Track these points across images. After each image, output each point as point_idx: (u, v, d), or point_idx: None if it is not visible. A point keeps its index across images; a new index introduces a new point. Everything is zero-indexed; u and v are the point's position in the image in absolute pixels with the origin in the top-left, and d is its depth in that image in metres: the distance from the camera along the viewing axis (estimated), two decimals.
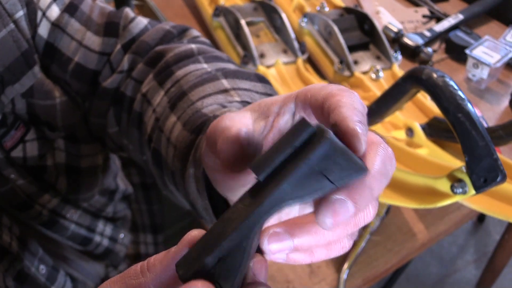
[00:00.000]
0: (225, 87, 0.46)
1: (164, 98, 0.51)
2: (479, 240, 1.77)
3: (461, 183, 0.54)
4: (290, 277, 0.72)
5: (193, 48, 0.54)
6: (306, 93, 0.32)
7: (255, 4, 1.11)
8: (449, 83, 0.53)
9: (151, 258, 0.30)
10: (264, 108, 0.34)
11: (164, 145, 0.48)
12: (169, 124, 0.48)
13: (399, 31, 1.12)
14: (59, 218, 0.64)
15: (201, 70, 0.50)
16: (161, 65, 0.54)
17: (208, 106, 0.45)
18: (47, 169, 0.60)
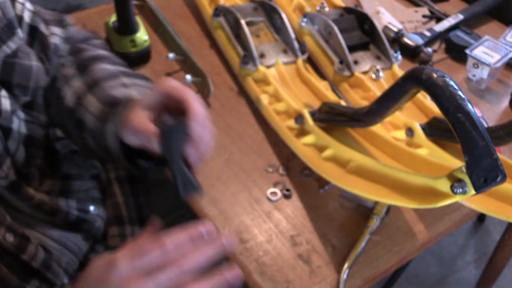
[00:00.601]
0: (123, 83, 0.70)
1: (80, 83, 0.71)
2: (479, 240, 1.77)
3: (461, 183, 0.54)
4: (290, 277, 0.72)
5: (103, 54, 0.77)
6: (163, 92, 0.62)
7: (255, 4, 1.10)
8: (449, 83, 0.53)
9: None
10: (151, 104, 0.62)
11: (85, 115, 0.68)
12: (88, 101, 0.68)
13: (399, 31, 1.12)
14: (20, 185, 0.66)
15: (108, 70, 0.73)
16: (81, 58, 0.74)
17: (117, 93, 0.68)
18: (11, 133, 0.65)
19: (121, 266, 0.49)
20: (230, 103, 0.97)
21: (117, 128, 0.63)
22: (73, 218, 0.74)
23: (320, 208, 0.81)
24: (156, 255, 0.49)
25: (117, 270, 0.49)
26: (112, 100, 0.66)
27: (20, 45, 0.64)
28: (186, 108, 0.59)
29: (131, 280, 0.48)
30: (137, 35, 1.00)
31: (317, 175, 0.84)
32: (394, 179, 0.64)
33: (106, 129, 0.65)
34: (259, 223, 0.78)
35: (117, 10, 0.98)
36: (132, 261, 0.49)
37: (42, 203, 0.69)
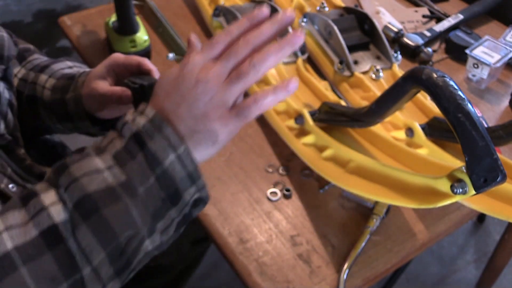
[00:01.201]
0: (69, 65, 0.82)
1: (22, 70, 0.82)
2: (479, 240, 1.78)
3: (461, 183, 0.54)
4: (290, 277, 0.72)
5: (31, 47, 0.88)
6: (118, 62, 0.72)
7: (255, 4, 1.10)
8: (449, 83, 0.53)
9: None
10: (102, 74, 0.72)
11: (40, 90, 0.78)
12: (42, 79, 0.78)
13: (399, 31, 1.12)
14: (15, 146, 0.69)
15: (44, 58, 0.85)
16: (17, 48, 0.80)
17: (69, 71, 0.79)
18: (1, 96, 0.68)
19: (194, 60, 0.51)
20: None
21: (78, 96, 0.73)
22: None
23: (320, 208, 0.81)
24: (224, 41, 0.51)
25: (191, 64, 0.50)
26: (67, 75, 0.77)
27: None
28: (147, 69, 0.69)
29: (207, 67, 0.50)
30: (137, 35, 1.00)
31: (317, 175, 0.84)
32: (394, 179, 0.64)
33: (66, 98, 0.74)
34: (259, 223, 0.78)
35: (117, 10, 0.98)
36: (204, 53, 0.51)
37: (32, 166, 0.70)
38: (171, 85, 0.51)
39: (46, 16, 2.56)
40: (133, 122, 0.50)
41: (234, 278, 0.74)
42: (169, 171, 0.48)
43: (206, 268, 1.58)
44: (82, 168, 0.48)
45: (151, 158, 0.48)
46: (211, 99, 0.49)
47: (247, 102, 0.50)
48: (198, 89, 0.49)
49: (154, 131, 0.49)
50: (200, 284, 1.56)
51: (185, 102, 0.50)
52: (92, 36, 1.10)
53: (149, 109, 0.50)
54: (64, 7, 2.62)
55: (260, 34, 0.51)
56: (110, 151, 0.49)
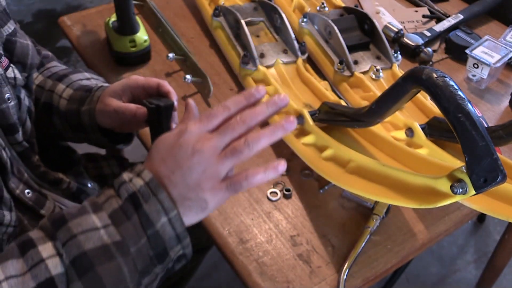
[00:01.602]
0: (87, 76, 0.84)
1: (40, 76, 0.84)
2: (479, 240, 1.77)
3: (461, 183, 0.54)
4: (290, 277, 0.72)
5: (50, 54, 0.90)
6: (138, 83, 0.73)
7: (255, 4, 1.10)
8: (449, 83, 0.53)
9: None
10: (117, 92, 0.74)
11: (56, 99, 0.79)
12: (59, 88, 0.80)
13: (399, 31, 1.12)
14: (30, 153, 0.71)
15: (63, 67, 0.87)
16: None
17: (86, 83, 0.81)
18: (22, 103, 0.70)
19: (192, 130, 0.53)
20: None
21: (92, 109, 0.75)
22: (74, 189, 0.78)
23: (320, 208, 0.81)
24: (221, 115, 0.54)
25: (188, 134, 0.53)
26: (85, 88, 0.79)
27: (16, 26, 0.72)
28: (166, 91, 0.71)
29: (203, 138, 0.53)
30: (137, 35, 1.00)
31: (317, 175, 0.84)
32: (394, 179, 0.64)
33: (81, 110, 0.76)
34: (259, 223, 0.78)
35: (117, 10, 0.98)
36: (201, 124, 0.54)
37: (46, 172, 0.74)
38: (168, 151, 0.54)
39: (46, 16, 2.56)
40: (130, 183, 0.53)
41: (234, 278, 0.74)
42: (160, 233, 0.52)
43: (206, 268, 1.58)
44: (80, 225, 0.51)
45: (145, 220, 0.51)
46: (204, 170, 0.52)
47: (238, 178, 0.54)
48: (194, 159, 0.52)
49: (149, 194, 0.52)
50: (200, 284, 1.56)
51: (180, 170, 0.52)
52: (92, 36, 1.10)
53: (146, 172, 0.53)
54: (64, 7, 2.62)
55: (256, 116, 0.54)
56: (107, 209, 0.52)
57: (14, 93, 0.68)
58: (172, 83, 1.01)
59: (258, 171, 0.54)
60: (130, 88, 0.74)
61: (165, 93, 0.72)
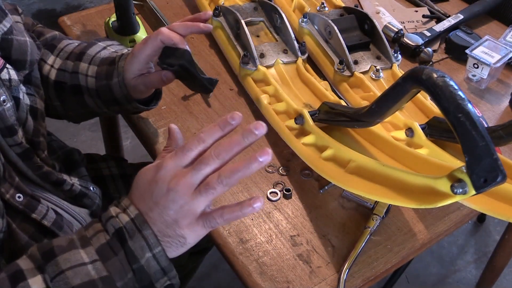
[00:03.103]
0: (102, 46, 0.84)
1: (58, 59, 0.83)
2: (479, 240, 1.77)
3: (461, 183, 0.54)
4: (290, 278, 0.72)
5: (56, 33, 0.88)
6: (146, 53, 0.75)
7: (255, 4, 1.10)
8: (449, 83, 0.53)
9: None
10: (136, 73, 0.76)
11: (83, 79, 0.80)
12: (83, 67, 0.80)
13: (399, 31, 1.12)
14: (32, 153, 0.70)
15: (75, 43, 0.85)
16: (45, 40, 0.85)
17: (106, 55, 0.81)
18: (20, 103, 0.69)
19: (167, 166, 0.54)
20: (230, 103, 0.97)
21: (121, 79, 0.76)
22: (77, 191, 0.78)
23: (320, 208, 0.81)
24: (196, 149, 0.54)
25: (164, 170, 0.54)
26: (107, 60, 0.79)
27: (12, 23, 0.70)
28: (172, 42, 0.74)
29: (178, 175, 0.53)
30: (137, 35, 1.00)
31: (317, 175, 0.84)
32: (394, 179, 0.64)
33: (111, 84, 0.77)
34: (259, 223, 0.78)
35: (117, 10, 0.98)
36: (176, 159, 0.54)
37: (49, 173, 0.73)
38: (146, 188, 0.55)
39: (46, 16, 2.56)
40: (117, 218, 0.54)
41: (234, 278, 0.74)
42: (145, 267, 0.53)
43: (206, 268, 1.58)
44: (68, 260, 0.52)
45: (131, 255, 0.53)
46: (181, 208, 0.53)
47: (214, 215, 0.54)
48: (169, 197, 0.53)
49: (135, 230, 0.53)
50: (200, 284, 1.56)
51: (157, 208, 0.53)
52: (92, 36, 1.10)
53: (132, 208, 0.55)
54: (64, 7, 2.62)
55: (231, 149, 0.53)
56: (95, 244, 0.54)
57: (9, 95, 0.67)
58: (172, 83, 1.00)
59: (234, 209, 0.54)
60: (143, 64, 0.76)
61: (172, 44, 0.74)
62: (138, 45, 0.75)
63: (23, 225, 0.66)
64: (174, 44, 0.74)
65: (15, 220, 0.66)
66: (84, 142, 1.99)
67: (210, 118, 0.94)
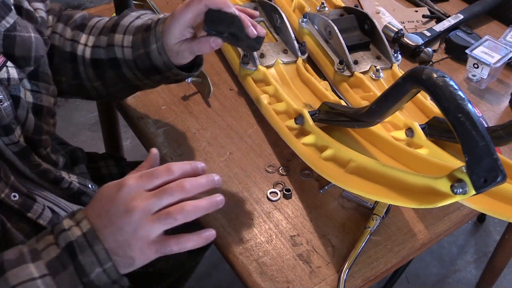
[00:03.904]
0: (135, 16, 0.79)
1: (91, 37, 0.80)
2: (479, 240, 1.77)
3: (461, 183, 0.54)
4: (290, 278, 0.72)
5: (86, 13, 0.85)
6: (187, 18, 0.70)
7: (255, 4, 1.10)
8: (449, 83, 0.53)
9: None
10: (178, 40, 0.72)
11: (119, 51, 0.76)
12: (117, 39, 0.76)
13: (399, 31, 1.12)
14: (29, 152, 0.70)
15: (106, 19, 0.82)
16: (74, 21, 0.82)
17: (140, 23, 0.77)
18: (20, 102, 0.68)
19: (129, 186, 0.54)
20: (230, 103, 0.97)
21: (160, 45, 0.72)
22: (75, 189, 0.77)
23: (320, 208, 0.81)
24: (163, 177, 0.55)
25: (126, 189, 0.54)
26: (142, 28, 0.75)
27: (16, 19, 0.69)
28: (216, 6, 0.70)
29: (138, 197, 0.53)
30: None
31: (317, 175, 0.84)
32: (394, 179, 0.64)
33: (149, 51, 0.74)
34: (259, 223, 0.78)
35: (117, 10, 0.98)
36: (140, 181, 0.54)
37: (47, 171, 0.73)
38: (103, 204, 0.54)
39: None
40: (69, 231, 0.54)
41: (234, 278, 0.74)
42: (95, 281, 0.53)
43: (206, 268, 1.58)
44: (17, 276, 0.52)
45: (80, 270, 0.53)
46: (135, 231, 0.53)
47: (169, 242, 0.54)
48: (125, 219, 0.53)
49: (85, 245, 0.53)
50: (200, 284, 1.55)
51: (112, 227, 0.53)
52: None
53: (85, 222, 0.54)
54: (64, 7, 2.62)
55: (197, 186, 0.55)
56: (45, 258, 0.53)
57: (7, 94, 0.66)
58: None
59: (191, 239, 0.55)
60: (185, 27, 0.72)
61: (217, 7, 0.70)
62: (180, 8, 0.71)
63: (19, 224, 0.66)
64: (219, 8, 0.70)
65: (10, 220, 0.65)
66: (84, 142, 1.99)
67: (210, 118, 0.94)
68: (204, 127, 0.92)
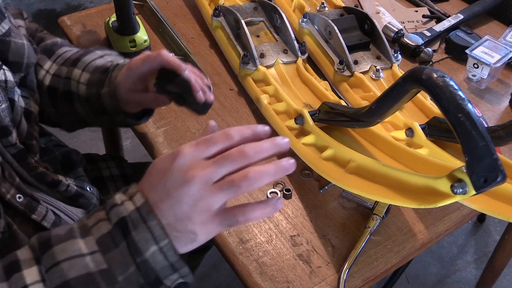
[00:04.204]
0: (99, 54, 0.82)
1: (54, 65, 0.82)
2: (479, 240, 1.77)
3: (461, 183, 0.54)
4: (290, 278, 0.72)
5: (58, 40, 0.87)
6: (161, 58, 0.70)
7: (255, 4, 1.10)
8: (449, 83, 0.53)
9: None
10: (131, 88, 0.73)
11: (75, 85, 0.78)
12: (76, 73, 0.78)
13: (399, 31, 1.12)
14: (26, 154, 0.70)
15: (74, 50, 0.84)
16: (45, 45, 0.84)
17: (101, 63, 0.79)
18: (15, 105, 0.69)
19: (186, 154, 0.49)
20: (230, 103, 0.97)
21: (112, 90, 0.74)
22: (73, 192, 0.77)
23: (320, 208, 0.81)
24: (222, 143, 0.50)
25: (182, 158, 0.49)
26: (101, 69, 0.77)
27: (11, 26, 0.70)
28: (173, 68, 0.71)
29: (197, 166, 0.48)
30: (137, 35, 1.00)
31: (317, 175, 0.84)
32: (394, 179, 0.64)
33: (101, 93, 0.75)
34: (259, 223, 0.78)
35: (117, 10, 0.98)
36: (197, 149, 0.49)
37: (44, 174, 0.73)
38: (159, 176, 0.50)
39: (46, 16, 2.56)
40: (122, 206, 0.50)
41: (234, 278, 0.74)
42: (150, 261, 0.48)
43: (206, 268, 1.58)
44: (64, 251, 0.49)
45: (134, 248, 0.48)
46: (195, 203, 0.48)
47: (235, 212, 0.50)
48: (184, 189, 0.48)
49: (139, 221, 0.48)
50: (200, 284, 1.55)
51: (169, 200, 0.49)
52: (92, 36, 1.10)
53: (138, 196, 0.50)
54: (64, 7, 2.62)
55: (260, 152, 0.50)
56: (95, 234, 0.49)
57: (5, 96, 0.67)
58: None
59: (257, 206, 0.50)
60: (138, 81, 0.73)
61: (173, 70, 0.70)
62: (135, 60, 0.72)
63: (23, 226, 0.66)
64: (173, 69, 0.70)
65: (15, 221, 0.66)
66: (84, 142, 1.99)
67: (210, 118, 0.94)
68: (204, 127, 0.92)
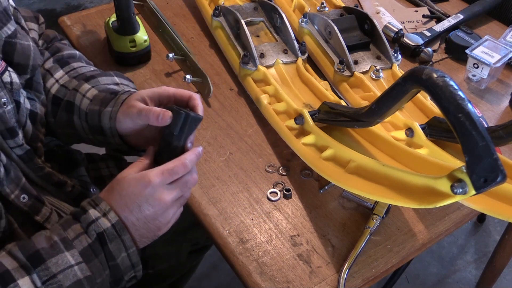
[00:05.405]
0: (116, 81, 0.83)
1: (65, 75, 0.82)
2: (479, 240, 1.77)
3: (461, 183, 0.54)
4: (290, 278, 0.72)
5: (77, 53, 0.88)
6: (168, 92, 0.73)
7: (255, 4, 1.10)
8: (449, 83, 0.53)
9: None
10: (144, 97, 0.72)
11: (79, 98, 0.78)
12: (84, 87, 0.78)
13: (399, 31, 1.12)
14: (33, 155, 0.71)
15: (90, 68, 0.85)
16: (61, 55, 0.84)
17: (113, 88, 0.79)
18: (20, 106, 0.70)
19: (155, 184, 0.62)
20: (230, 103, 0.97)
21: (114, 111, 0.74)
22: (78, 192, 0.78)
23: (320, 208, 0.81)
24: (182, 173, 0.64)
25: (152, 188, 0.62)
26: (111, 90, 0.78)
27: (17, 27, 0.71)
28: (194, 104, 0.72)
29: (166, 192, 0.63)
30: (137, 35, 1.00)
31: (317, 175, 0.84)
32: (394, 179, 0.64)
33: (102, 111, 0.75)
34: (259, 223, 0.78)
35: (117, 10, 0.98)
36: (164, 179, 0.63)
37: (51, 174, 0.74)
38: (133, 200, 0.62)
39: (46, 16, 2.55)
40: (97, 222, 0.61)
41: (234, 278, 0.74)
42: (120, 265, 0.63)
43: (206, 268, 1.58)
44: (58, 265, 0.58)
45: (109, 256, 0.62)
46: (165, 219, 0.64)
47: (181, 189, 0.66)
48: (159, 212, 0.63)
49: (115, 235, 0.62)
50: (200, 284, 1.55)
51: (145, 219, 0.63)
52: (92, 36, 1.10)
53: (112, 214, 0.62)
54: (64, 7, 2.62)
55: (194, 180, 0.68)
56: (78, 247, 0.60)
57: (10, 98, 0.67)
58: (172, 83, 1.01)
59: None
60: (159, 95, 0.72)
61: (194, 106, 0.71)
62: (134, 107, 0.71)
63: (24, 227, 0.67)
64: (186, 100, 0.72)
65: (17, 221, 0.66)
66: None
67: (210, 118, 0.94)
68: (204, 127, 0.92)
